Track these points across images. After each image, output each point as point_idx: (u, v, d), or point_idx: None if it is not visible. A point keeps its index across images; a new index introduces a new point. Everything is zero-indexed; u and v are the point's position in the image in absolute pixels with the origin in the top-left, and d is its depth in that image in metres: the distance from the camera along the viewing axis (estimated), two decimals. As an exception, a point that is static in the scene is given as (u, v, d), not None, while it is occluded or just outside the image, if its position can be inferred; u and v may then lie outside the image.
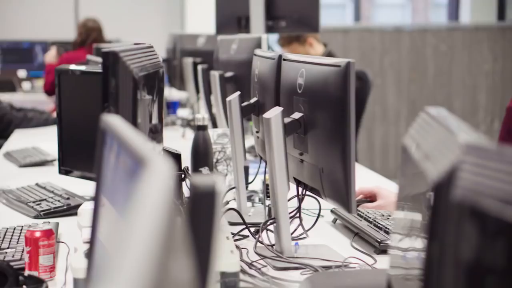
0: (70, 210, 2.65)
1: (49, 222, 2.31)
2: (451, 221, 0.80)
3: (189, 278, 0.73)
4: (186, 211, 1.02)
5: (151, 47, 2.11)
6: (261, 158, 2.51)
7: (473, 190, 0.77)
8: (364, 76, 5.16)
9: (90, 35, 6.96)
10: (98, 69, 2.25)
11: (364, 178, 3.19)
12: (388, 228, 2.26)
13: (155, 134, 2.06)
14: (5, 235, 2.25)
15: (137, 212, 0.62)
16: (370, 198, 2.67)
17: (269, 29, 4.45)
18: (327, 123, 1.97)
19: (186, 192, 2.08)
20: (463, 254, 0.78)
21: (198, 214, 1.01)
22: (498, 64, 7.41)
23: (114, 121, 1.06)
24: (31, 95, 7.85)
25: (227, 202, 2.63)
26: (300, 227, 2.22)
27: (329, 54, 5.20)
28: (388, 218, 2.38)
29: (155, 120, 2.05)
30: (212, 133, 2.82)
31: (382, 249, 2.17)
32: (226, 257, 1.84)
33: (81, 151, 2.76)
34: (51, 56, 7.13)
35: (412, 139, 1.13)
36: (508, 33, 7.46)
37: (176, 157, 2.21)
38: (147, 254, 0.55)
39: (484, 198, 0.75)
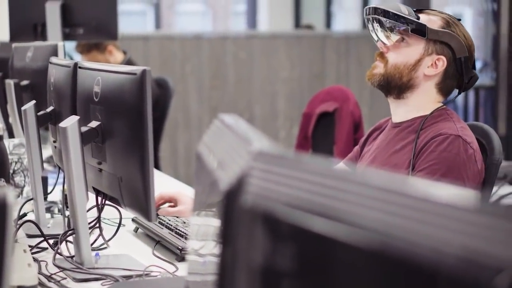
0: None
1: None
2: (242, 226, 0.82)
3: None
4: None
5: None
6: (59, 168, 2.47)
7: (262, 196, 0.79)
8: (164, 84, 5.17)
9: None
10: None
11: (167, 186, 3.20)
12: (189, 235, 2.27)
13: None
14: None
15: None
16: (171, 203, 2.67)
17: (66, 37, 4.36)
18: (125, 132, 1.96)
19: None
20: (255, 259, 0.79)
21: (-13, 229, 0.97)
22: (295, 71, 7.62)
23: None
24: None
25: (25, 214, 2.57)
26: (101, 237, 2.20)
27: (128, 62, 5.17)
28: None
29: None
30: (8, 143, 2.75)
31: (183, 256, 2.18)
32: (23, 270, 1.80)
33: None
34: None
35: (206, 147, 1.14)
36: (304, 41, 7.68)
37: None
38: None
39: (273, 203, 0.76)
